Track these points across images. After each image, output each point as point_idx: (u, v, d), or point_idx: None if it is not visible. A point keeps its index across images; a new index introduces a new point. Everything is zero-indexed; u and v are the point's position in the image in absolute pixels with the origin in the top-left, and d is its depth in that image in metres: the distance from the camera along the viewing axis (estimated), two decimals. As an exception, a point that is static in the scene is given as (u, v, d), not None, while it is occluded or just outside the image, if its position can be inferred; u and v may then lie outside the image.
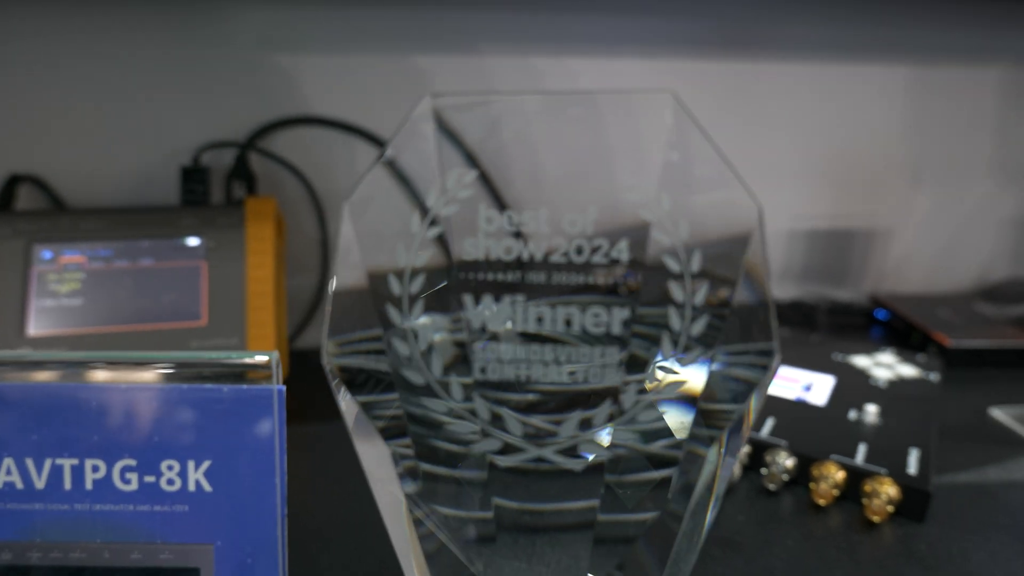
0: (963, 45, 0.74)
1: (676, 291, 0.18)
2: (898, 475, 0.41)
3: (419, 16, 0.61)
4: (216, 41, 0.59)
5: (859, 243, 0.80)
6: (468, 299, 0.19)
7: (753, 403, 0.19)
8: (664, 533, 0.21)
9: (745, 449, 0.45)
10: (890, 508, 0.40)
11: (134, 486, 0.22)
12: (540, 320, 0.19)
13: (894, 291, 0.79)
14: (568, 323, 0.19)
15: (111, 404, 0.21)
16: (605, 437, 0.19)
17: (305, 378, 0.58)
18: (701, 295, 0.18)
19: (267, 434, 0.21)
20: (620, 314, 0.18)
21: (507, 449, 0.19)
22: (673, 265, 0.18)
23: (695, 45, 0.68)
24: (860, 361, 0.58)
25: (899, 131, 0.76)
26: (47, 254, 0.53)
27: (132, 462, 0.21)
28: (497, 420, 0.19)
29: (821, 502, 0.42)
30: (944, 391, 0.56)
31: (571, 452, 0.19)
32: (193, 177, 0.58)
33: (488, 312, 0.19)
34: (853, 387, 0.53)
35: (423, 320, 0.19)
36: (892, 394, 0.52)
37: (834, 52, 0.72)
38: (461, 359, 0.19)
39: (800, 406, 0.50)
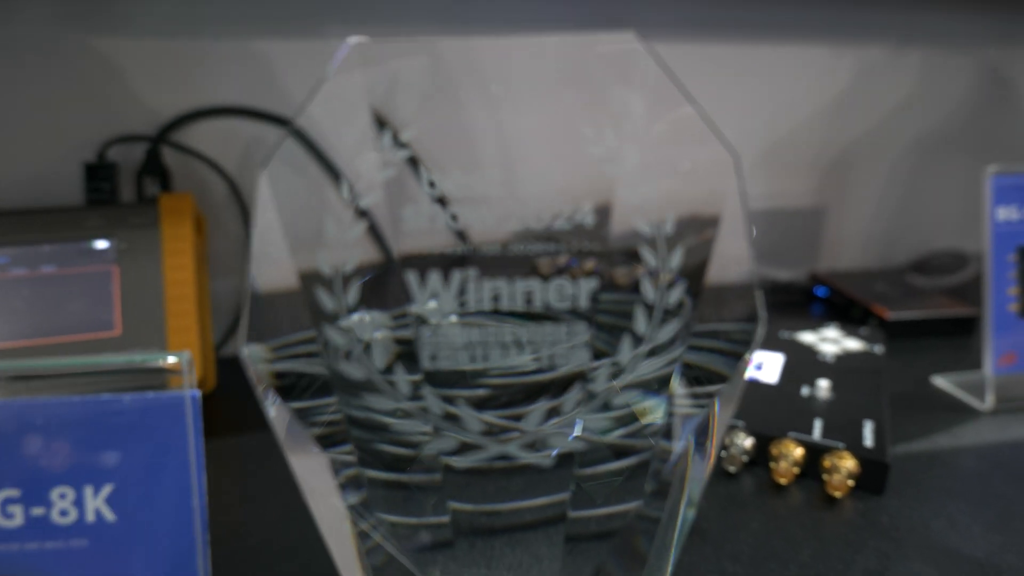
0: (895, 25, 0.75)
1: (648, 256, 0.16)
2: (856, 449, 0.41)
3: (342, -3, 0.58)
4: (117, 24, 0.54)
5: (797, 223, 0.81)
6: (412, 277, 0.16)
7: (740, 378, 0.17)
8: (637, 543, 0.20)
9: (703, 432, 0.44)
10: (850, 482, 0.40)
11: (19, 521, 0.18)
12: (496, 297, 0.16)
13: (832, 268, 0.80)
14: (529, 299, 0.16)
15: (-17, 425, 0.18)
16: (575, 427, 0.16)
17: (235, 388, 0.54)
18: (676, 259, 0.16)
19: (180, 448, 0.18)
20: (587, 285, 0.16)
21: (464, 448, 0.16)
22: (644, 227, 0.16)
23: (628, 27, 0.67)
24: (806, 337, 0.58)
25: (833, 112, 0.77)
26: (-69, 264, 0.47)
27: (15, 492, 0.18)
28: (451, 417, 0.16)
29: (782, 481, 0.41)
30: (888, 363, 0.57)
31: (537, 446, 0.16)
32: (98, 174, 0.53)
33: (437, 292, 0.16)
34: (802, 363, 0.53)
35: (360, 316, 0.16)
36: (840, 368, 0.52)
37: (771, 34, 0.72)
38: (407, 348, 0.16)
39: (753, 385, 0.49)
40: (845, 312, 0.69)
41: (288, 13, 0.57)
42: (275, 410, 0.19)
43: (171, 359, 0.18)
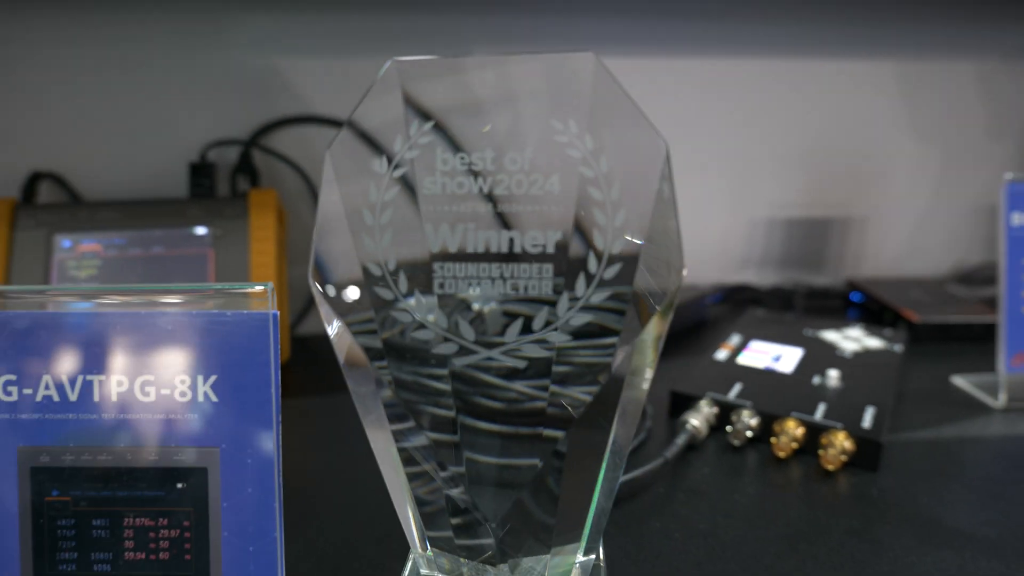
0: (939, 40, 0.77)
1: (599, 215, 0.22)
2: (853, 429, 0.45)
3: (411, 20, 0.66)
4: (219, 47, 0.63)
5: (836, 231, 0.84)
6: (429, 228, 0.23)
7: (668, 310, 0.23)
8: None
9: (712, 410, 0.48)
10: (843, 458, 0.44)
11: (152, 398, 0.25)
12: (488, 241, 0.22)
13: (871, 276, 0.82)
14: (511, 244, 0.22)
15: (133, 328, 0.25)
16: (544, 338, 0.22)
17: (305, 363, 0.62)
18: (620, 217, 0.22)
19: (264, 352, 0.25)
20: (553, 236, 0.22)
21: (462, 351, 0.22)
22: (596, 194, 0.22)
23: (676, 43, 0.73)
24: (829, 335, 0.61)
25: (875, 123, 0.80)
26: (66, 243, 0.57)
27: (151, 377, 0.25)
28: (454, 330, 0.23)
29: (781, 455, 0.45)
30: (908, 361, 0.60)
31: (515, 353, 0.22)
32: (200, 172, 0.62)
33: (446, 239, 0.22)
34: (819, 357, 0.56)
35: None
36: (856, 363, 0.55)
37: (811, 48, 0.75)
38: (424, 278, 0.23)
39: (767, 374, 0.53)
40: (878, 317, 0.72)
41: (362, 36, 0.65)
42: (335, 329, 0.25)
43: (258, 287, 0.25)
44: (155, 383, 0.25)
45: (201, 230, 0.58)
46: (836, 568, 0.35)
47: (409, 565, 0.29)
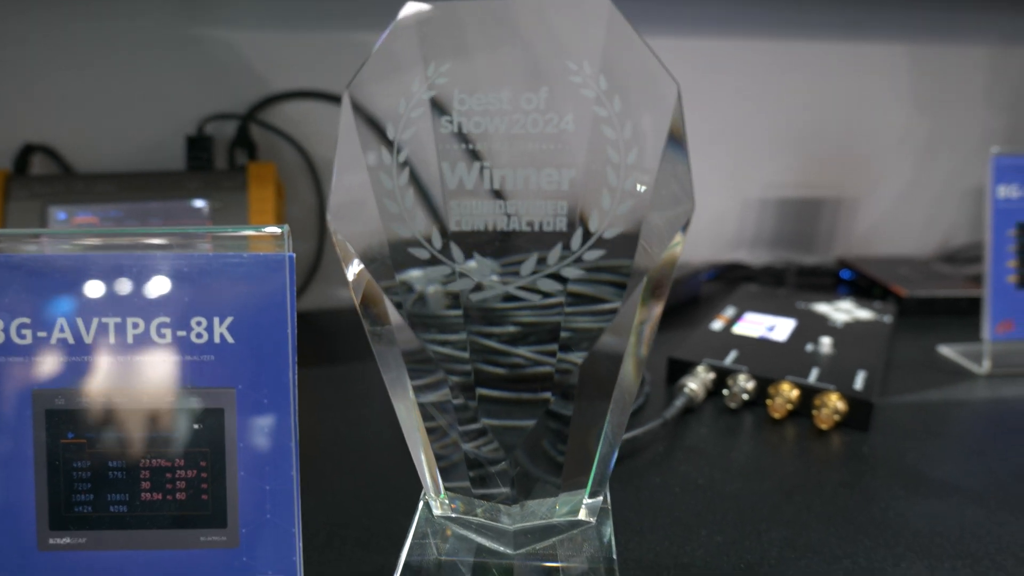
0: (932, 24, 0.79)
1: (612, 153, 0.22)
2: (845, 390, 0.46)
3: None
4: (216, 19, 0.63)
5: (827, 211, 0.85)
6: (446, 167, 0.23)
7: (677, 246, 0.23)
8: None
9: (709, 375, 0.49)
10: (836, 418, 0.45)
11: (168, 340, 0.26)
12: (503, 180, 0.23)
13: (860, 255, 0.84)
14: (527, 181, 0.23)
15: (148, 269, 0.25)
16: (558, 272, 0.23)
17: (305, 338, 0.62)
18: (633, 156, 0.22)
19: (280, 294, 0.25)
20: (568, 174, 0.23)
21: (477, 288, 0.23)
22: (610, 133, 0.22)
23: (672, 24, 0.73)
24: (821, 307, 0.62)
25: (866, 105, 0.81)
26: (61, 215, 0.57)
27: (167, 319, 0.25)
28: (469, 262, 0.23)
29: (776, 415, 0.46)
30: (896, 332, 0.61)
31: (530, 288, 0.23)
32: (198, 145, 0.62)
33: (463, 177, 0.23)
34: (812, 327, 0.57)
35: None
36: (847, 332, 0.57)
37: (804, 31, 0.76)
38: (441, 216, 0.23)
39: (762, 342, 0.54)
40: (867, 292, 0.73)
41: (364, 10, 0.65)
42: (352, 269, 0.25)
43: (275, 229, 0.25)
44: (171, 325, 0.25)
45: (199, 203, 0.58)
46: (829, 517, 0.36)
47: (420, 506, 0.29)
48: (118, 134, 0.64)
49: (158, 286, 0.25)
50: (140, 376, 0.25)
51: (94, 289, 0.25)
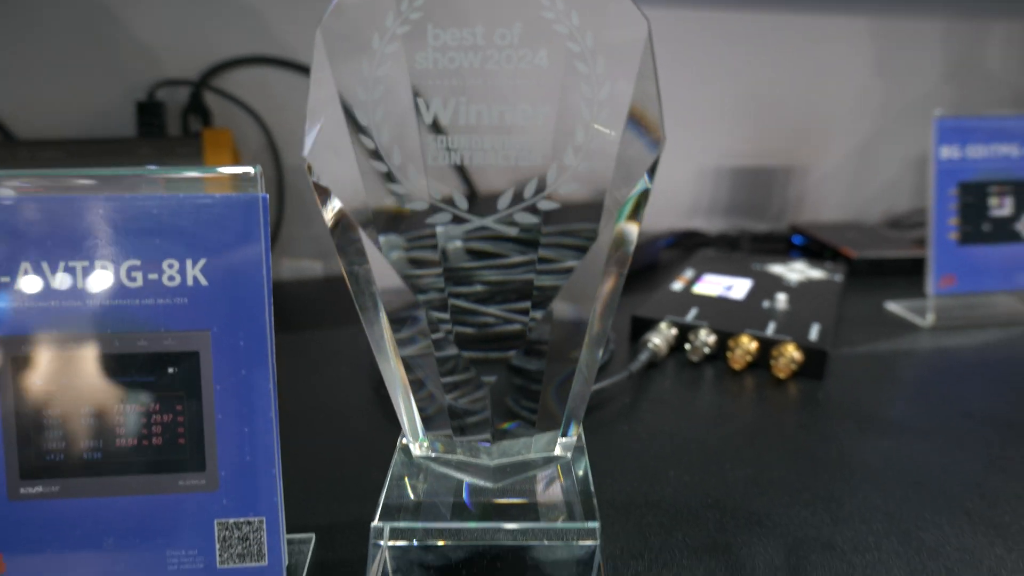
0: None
1: (585, 88, 0.23)
2: (801, 341, 0.48)
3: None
4: (166, -19, 0.61)
5: (779, 180, 0.87)
6: (420, 103, 0.23)
7: (646, 181, 0.24)
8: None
9: (672, 331, 0.50)
10: (793, 367, 0.47)
11: (139, 283, 0.25)
12: (479, 115, 0.23)
13: (811, 221, 0.86)
14: (502, 116, 0.23)
15: (116, 211, 0.25)
16: (534, 205, 0.23)
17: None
18: (605, 91, 0.23)
19: (255, 234, 0.25)
20: (542, 109, 0.23)
21: (456, 221, 0.23)
22: (582, 68, 0.23)
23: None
24: (775, 268, 0.64)
25: (818, 77, 0.83)
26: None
27: (137, 262, 0.25)
28: (446, 200, 0.23)
29: (736, 367, 0.48)
30: (846, 291, 0.63)
31: (507, 221, 0.23)
32: (149, 111, 0.60)
33: (438, 114, 0.23)
34: (767, 286, 0.59)
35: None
36: (800, 290, 0.59)
37: (758, 3, 0.78)
38: (417, 152, 0.23)
39: (721, 300, 0.56)
40: (818, 256, 0.76)
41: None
42: (329, 207, 0.25)
43: (248, 169, 0.25)
44: (142, 268, 0.25)
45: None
46: (790, 456, 0.38)
47: (397, 450, 0.29)
48: (63, 100, 0.61)
49: (127, 229, 0.25)
50: (111, 320, 0.25)
51: (59, 232, 0.24)
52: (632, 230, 0.24)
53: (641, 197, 0.24)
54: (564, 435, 0.29)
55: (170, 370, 0.25)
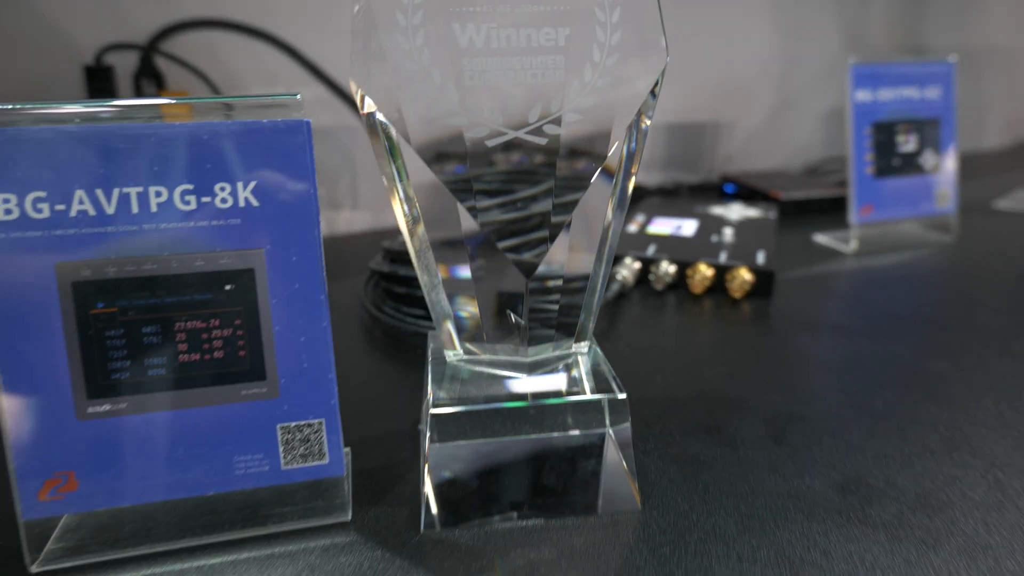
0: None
1: (599, 13, 0.26)
2: (752, 265, 0.53)
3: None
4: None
5: (708, 135, 0.94)
6: (456, 28, 0.26)
7: (657, 88, 0.28)
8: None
9: (636, 264, 0.55)
10: (746, 287, 0.52)
11: (193, 206, 0.26)
12: (509, 39, 0.26)
13: (739, 171, 0.93)
14: (528, 39, 0.26)
15: (168, 138, 0.26)
16: (560, 117, 0.26)
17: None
18: (616, 14, 0.26)
19: (302, 156, 0.27)
20: (564, 32, 0.26)
21: (492, 135, 0.26)
22: (600, 15, 0.26)
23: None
24: (716, 210, 0.70)
25: (738, 38, 0.90)
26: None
27: (190, 186, 0.26)
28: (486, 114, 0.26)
29: (696, 291, 0.53)
30: (781, 226, 0.70)
31: (537, 133, 0.26)
32: (99, 76, 0.59)
33: (472, 36, 0.26)
34: (713, 224, 0.65)
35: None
36: (742, 225, 0.64)
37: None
38: (455, 72, 0.26)
39: (674, 237, 0.61)
40: (749, 199, 0.82)
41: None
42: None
43: (290, 96, 0.27)
44: (195, 191, 0.26)
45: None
46: (756, 357, 0.43)
47: (429, 360, 0.32)
48: (3, 67, 0.59)
49: (178, 154, 0.26)
50: (168, 243, 0.26)
51: (112, 159, 0.26)
52: (640, 146, 0.28)
53: (648, 100, 0.27)
54: (581, 340, 0.32)
55: (227, 287, 0.27)
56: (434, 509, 0.29)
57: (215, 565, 0.27)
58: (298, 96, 0.27)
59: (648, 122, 0.28)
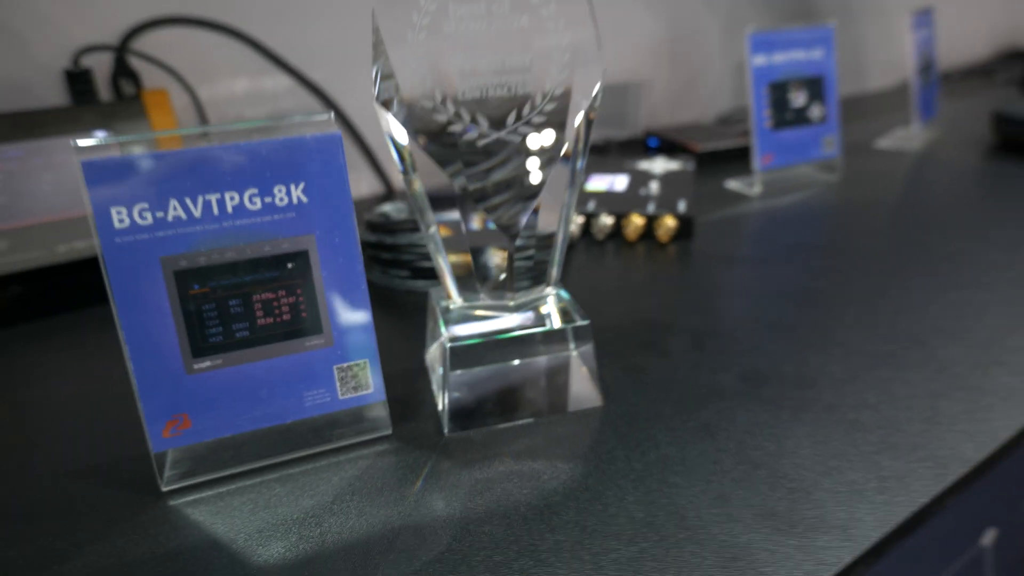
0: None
1: (553, 39, 0.35)
2: (675, 213, 0.64)
3: (258, -80, 0.70)
4: (71, -49, 0.63)
5: (631, 94, 1.04)
6: (452, 53, 0.34)
7: (599, 93, 0.37)
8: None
9: (579, 219, 0.65)
10: (671, 232, 0.63)
11: (259, 206, 0.34)
12: (489, 62, 0.35)
13: (661, 125, 1.04)
14: (503, 63, 0.35)
15: (236, 155, 0.34)
16: (532, 121, 0.36)
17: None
18: (567, 39, 0.35)
19: (338, 160, 0.35)
20: (529, 55, 0.35)
21: (481, 135, 0.35)
22: (551, 26, 0.35)
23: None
24: (642, 165, 0.81)
25: (658, 3, 0.99)
26: (-41, 161, 0.57)
27: (255, 190, 0.34)
28: (472, 119, 0.35)
29: (631, 239, 0.64)
30: (698, 175, 0.81)
31: (514, 133, 0.36)
32: (79, 79, 0.63)
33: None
34: (640, 179, 0.75)
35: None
36: (665, 178, 0.75)
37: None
38: (451, 90, 0.35)
39: (609, 192, 0.71)
40: (671, 152, 0.93)
41: (215, -65, 0.68)
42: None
43: (324, 116, 0.35)
44: (259, 194, 0.34)
45: (101, 135, 0.61)
46: (680, 288, 0.54)
47: (433, 307, 0.41)
48: (-18, 76, 0.63)
49: (245, 167, 0.34)
50: (242, 234, 0.34)
51: (194, 175, 0.33)
52: (588, 132, 0.38)
53: (593, 101, 0.37)
54: (552, 284, 0.42)
55: (289, 265, 0.36)
56: (452, 418, 0.39)
57: (294, 474, 0.36)
58: (331, 114, 0.35)
59: (594, 115, 0.38)
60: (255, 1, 0.72)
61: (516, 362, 0.41)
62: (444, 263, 0.39)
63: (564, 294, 0.43)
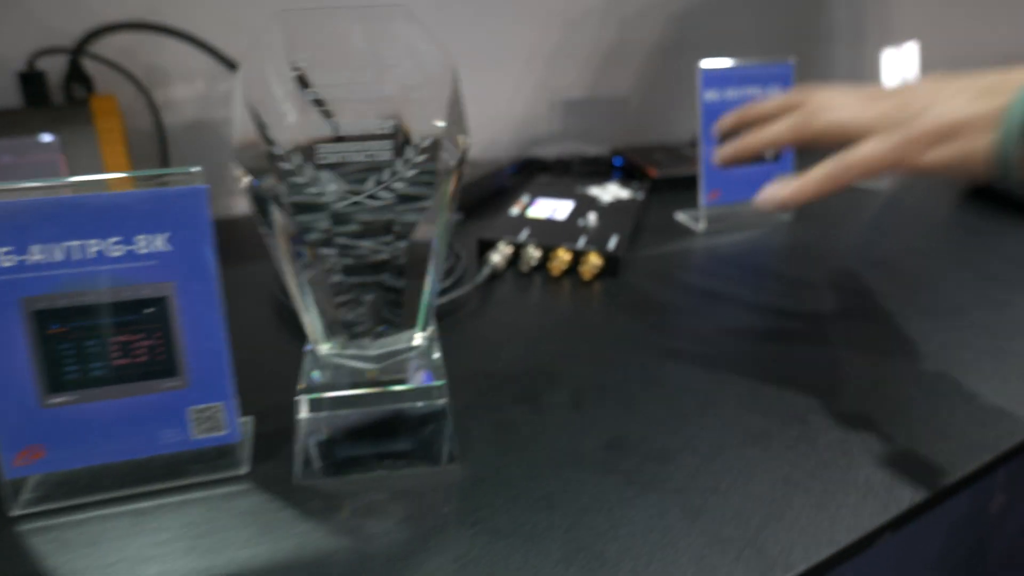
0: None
1: (417, 108, 0.36)
2: (602, 250, 0.64)
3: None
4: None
5: (602, 109, 1.03)
6: (312, 121, 0.35)
7: (463, 164, 0.38)
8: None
9: (508, 249, 0.66)
10: (596, 270, 0.64)
11: (121, 252, 0.36)
12: (351, 127, 0.36)
13: (629, 144, 1.04)
14: (364, 129, 0.36)
15: (101, 204, 0.35)
16: (389, 185, 0.37)
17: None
18: (432, 107, 0.36)
19: (202, 213, 0.36)
20: (391, 123, 0.36)
21: (340, 199, 0.36)
22: (415, 95, 0.36)
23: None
24: (593, 190, 0.81)
25: (619, 18, 0.98)
26: (-96, 157, 0.59)
27: (119, 237, 0.36)
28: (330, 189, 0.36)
29: (555, 274, 0.64)
30: (649, 204, 0.81)
31: (373, 197, 0.37)
32: (33, 81, 0.65)
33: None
34: (585, 206, 0.76)
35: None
36: (609, 208, 0.76)
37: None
38: (311, 155, 0.36)
39: (547, 222, 0.72)
40: (631, 175, 0.93)
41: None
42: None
43: (193, 169, 0.36)
44: (122, 242, 0.36)
45: (47, 137, 0.63)
46: (584, 333, 0.55)
47: (305, 354, 0.43)
48: (-62, 72, 0.65)
49: (110, 215, 0.35)
50: (103, 279, 0.36)
51: (59, 221, 0.35)
52: (454, 194, 0.38)
53: (459, 165, 0.38)
54: (422, 331, 0.43)
55: (148, 310, 0.37)
56: (304, 464, 0.40)
57: (145, 508, 0.38)
58: (199, 168, 0.36)
59: (461, 173, 0.38)
60: (207, 8, 0.73)
61: (375, 411, 0.42)
62: (299, 301, 0.40)
63: (433, 344, 0.44)
